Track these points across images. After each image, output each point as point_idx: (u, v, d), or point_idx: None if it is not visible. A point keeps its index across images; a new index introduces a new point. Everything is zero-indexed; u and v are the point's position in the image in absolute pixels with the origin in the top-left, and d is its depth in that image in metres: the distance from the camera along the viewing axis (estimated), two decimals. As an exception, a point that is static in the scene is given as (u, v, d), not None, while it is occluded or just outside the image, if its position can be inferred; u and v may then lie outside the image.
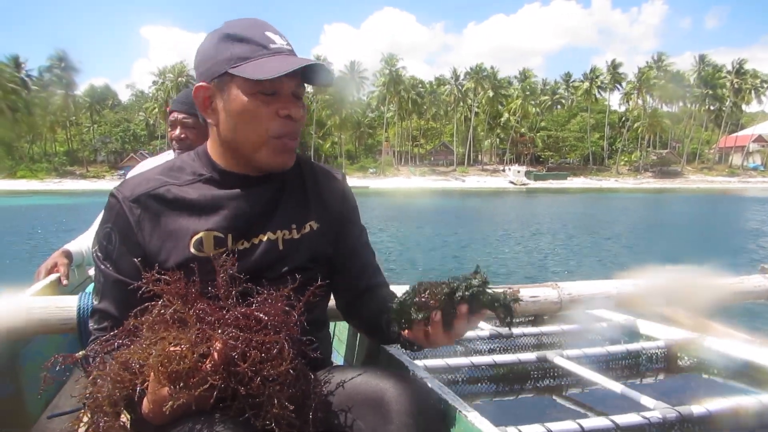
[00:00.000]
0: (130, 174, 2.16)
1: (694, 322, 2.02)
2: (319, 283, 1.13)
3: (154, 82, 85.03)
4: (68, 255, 2.27)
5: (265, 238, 1.22)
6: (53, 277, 2.10)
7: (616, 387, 1.56)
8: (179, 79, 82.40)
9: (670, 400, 1.44)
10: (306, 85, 1.23)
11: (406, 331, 1.14)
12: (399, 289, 1.33)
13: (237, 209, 1.21)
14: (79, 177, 74.70)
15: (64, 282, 2.12)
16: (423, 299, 1.08)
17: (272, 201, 1.25)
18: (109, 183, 66.52)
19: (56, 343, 1.94)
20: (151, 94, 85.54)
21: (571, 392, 1.74)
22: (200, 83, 1.20)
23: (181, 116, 2.29)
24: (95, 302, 1.21)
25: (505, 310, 1.09)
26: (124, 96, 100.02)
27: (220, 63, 1.17)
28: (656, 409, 1.37)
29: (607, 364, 1.90)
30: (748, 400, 1.44)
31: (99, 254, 1.20)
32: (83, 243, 2.40)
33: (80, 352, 1.09)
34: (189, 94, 2.30)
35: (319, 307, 1.30)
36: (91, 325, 1.21)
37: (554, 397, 1.74)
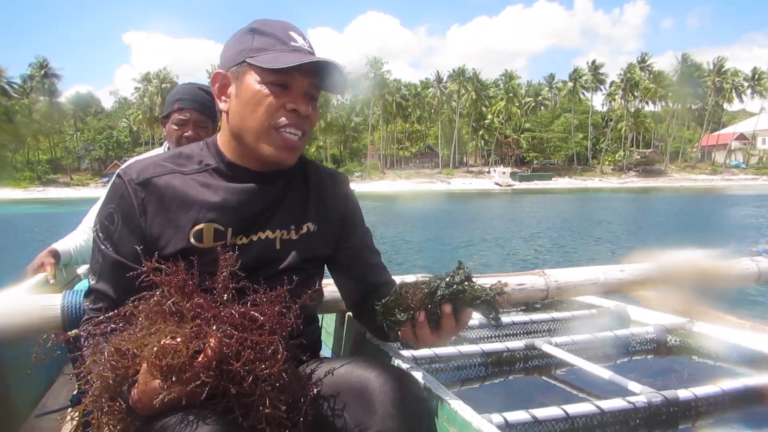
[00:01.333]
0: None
1: (683, 307, 2.03)
2: (315, 287, 1.16)
3: (137, 89, 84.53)
4: (55, 254, 2.25)
5: (263, 236, 1.23)
6: (40, 276, 2.09)
7: (605, 373, 1.56)
8: (163, 85, 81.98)
9: (658, 385, 1.45)
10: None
11: (399, 332, 1.15)
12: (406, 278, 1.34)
13: (240, 204, 1.22)
14: (63, 185, 73.98)
15: (51, 281, 2.10)
16: (405, 300, 1.09)
17: (275, 200, 1.27)
18: (93, 191, 65.89)
19: (45, 344, 1.92)
20: (134, 101, 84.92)
21: (560, 379, 1.75)
22: (219, 70, 1.24)
23: (194, 115, 2.28)
24: (92, 282, 1.21)
25: (487, 306, 1.09)
26: (108, 103, 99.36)
27: (240, 52, 1.20)
28: (642, 394, 1.37)
29: (596, 351, 1.90)
30: (733, 383, 1.46)
31: (100, 234, 1.21)
32: (71, 242, 2.38)
33: (72, 331, 1.09)
34: (197, 93, 2.30)
35: (312, 306, 1.32)
36: (86, 304, 1.21)
37: (542, 384, 1.74)
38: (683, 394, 1.38)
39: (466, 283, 1.09)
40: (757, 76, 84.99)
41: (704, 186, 69.40)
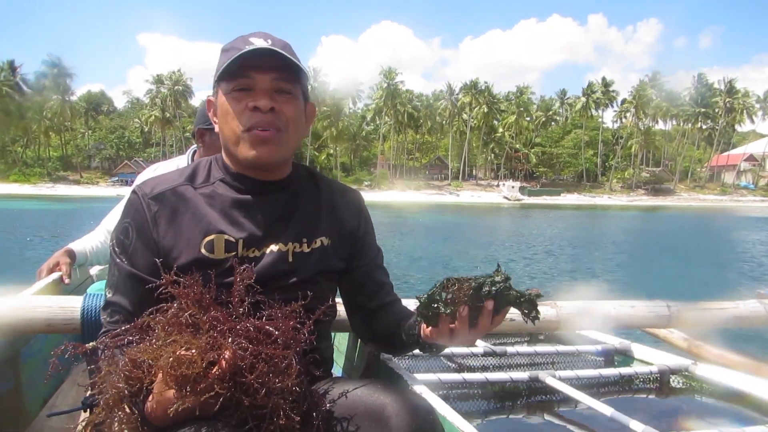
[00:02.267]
0: (141, 176, 2.18)
1: (689, 345, 2.04)
2: (329, 302, 1.18)
3: (149, 90, 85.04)
4: (71, 254, 2.27)
5: (276, 249, 1.24)
6: (55, 275, 2.10)
7: (607, 410, 1.56)
8: (176, 87, 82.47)
9: (660, 426, 1.45)
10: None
11: (429, 330, 1.15)
12: (409, 304, 1.36)
13: (250, 216, 1.24)
14: (73, 183, 74.36)
15: (66, 281, 2.12)
16: (451, 294, 1.09)
17: (286, 213, 1.28)
18: (102, 189, 66.30)
19: (55, 342, 1.96)
20: (147, 101, 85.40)
21: (562, 413, 1.75)
22: (209, 98, 1.30)
23: None
24: (109, 295, 1.23)
25: (529, 305, 1.11)
26: (120, 103, 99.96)
27: (215, 75, 1.25)
28: None
29: (600, 387, 1.91)
30: (733, 430, 1.46)
31: (116, 249, 1.23)
32: (87, 243, 2.39)
33: (90, 344, 1.10)
34: None
35: (325, 321, 1.32)
36: (104, 317, 1.22)
37: (544, 418, 1.75)
38: None
39: (507, 283, 1.10)
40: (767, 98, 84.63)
41: (712, 206, 68.94)
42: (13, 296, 1.68)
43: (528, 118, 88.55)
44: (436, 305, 1.11)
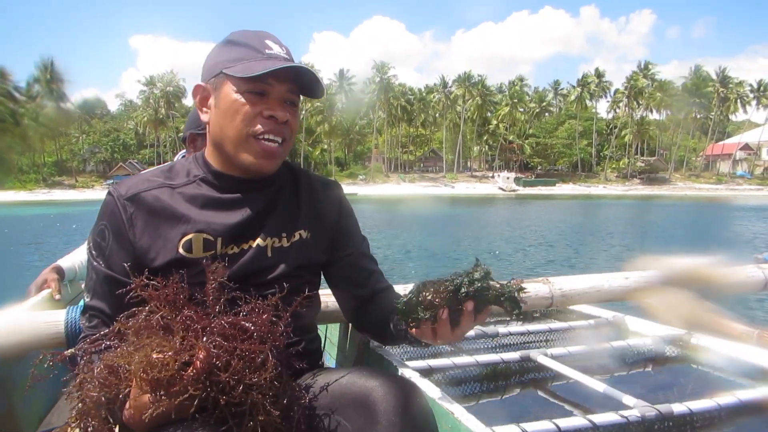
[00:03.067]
0: None
1: (688, 315, 2.01)
2: (306, 293, 1.16)
3: (142, 92, 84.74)
4: (59, 270, 2.25)
5: (254, 244, 1.23)
6: (45, 293, 2.08)
7: (600, 386, 1.55)
8: (168, 88, 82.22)
9: (655, 399, 1.43)
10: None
11: (413, 330, 1.16)
12: (403, 289, 1.34)
13: (229, 213, 1.23)
14: (68, 187, 74.15)
15: (56, 297, 2.10)
16: (428, 298, 1.09)
17: (265, 208, 1.27)
18: (98, 193, 66.05)
19: (46, 360, 1.93)
20: (140, 104, 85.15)
21: (554, 392, 1.73)
22: (200, 83, 1.26)
23: None
24: (87, 299, 1.23)
25: (511, 302, 1.10)
26: (113, 106, 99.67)
27: (217, 64, 1.22)
28: (636, 408, 1.36)
29: (593, 362, 1.88)
30: (729, 398, 1.45)
31: (93, 251, 1.23)
32: (77, 257, 2.38)
33: (68, 350, 1.09)
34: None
35: (308, 314, 1.31)
36: (82, 322, 1.22)
37: (537, 397, 1.73)
38: (678, 408, 1.37)
39: (486, 281, 1.09)
40: (762, 87, 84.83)
41: (708, 195, 69.16)
42: None
43: (521, 109, 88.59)
44: (415, 310, 1.10)
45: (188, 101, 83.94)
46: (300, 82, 1.24)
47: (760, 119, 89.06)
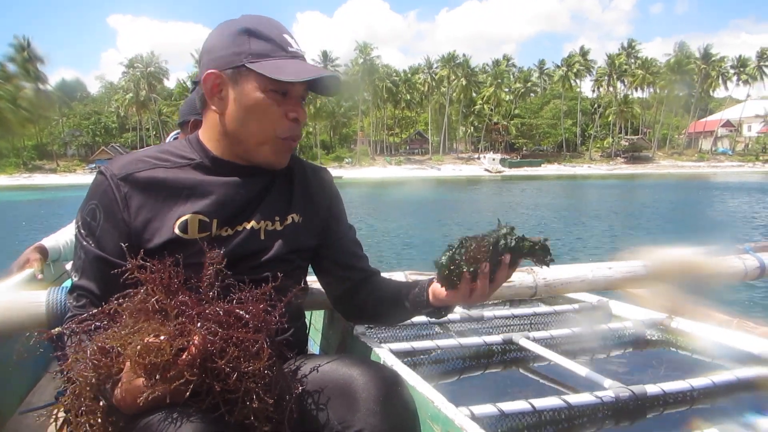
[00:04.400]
0: None
1: (671, 304, 2.06)
2: (300, 283, 1.19)
3: (124, 73, 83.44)
4: (42, 250, 2.23)
5: (248, 227, 1.24)
6: (27, 272, 2.06)
7: (579, 369, 1.58)
8: (149, 69, 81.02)
9: (632, 381, 1.47)
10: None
11: (448, 293, 1.19)
12: (388, 276, 1.37)
13: (225, 196, 1.23)
14: (49, 171, 73.14)
15: (39, 276, 2.08)
16: (471, 253, 1.12)
17: (260, 192, 1.28)
18: (80, 177, 65.28)
19: (29, 341, 1.94)
20: (121, 86, 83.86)
21: (535, 374, 1.76)
22: (211, 70, 1.21)
23: None
24: (75, 278, 1.21)
25: (544, 251, 1.16)
26: (94, 88, 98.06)
27: (238, 55, 1.19)
28: (611, 389, 1.39)
29: (574, 346, 1.92)
30: (702, 380, 1.49)
31: (82, 231, 1.20)
32: (61, 237, 2.36)
33: (56, 329, 1.09)
34: None
35: (297, 301, 1.32)
36: (70, 301, 1.21)
37: (517, 379, 1.75)
38: (651, 389, 1.41)
39: (514, 233, 1.14)
40: (741, 63, 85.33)
41: (691, 173, 69.71)
42: None
43: (506, 89, 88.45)
44: (457, 266, 1.13)
45: (170, 83, 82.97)
46: (316, 82, 1.24)
47: (741, 95, 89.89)
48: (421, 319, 1.62)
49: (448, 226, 18.25)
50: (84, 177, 64.60)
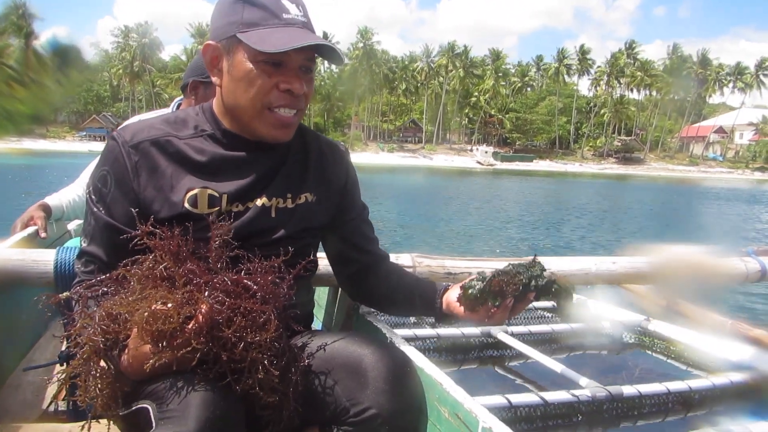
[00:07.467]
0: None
1: (670, 302, 2.06)
2: (310, 258, 1.18)
3: (118, 44, 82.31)
4: (46, 208, 2.21)
5: (259, 204, 1.21)
6: (30, 230, 2.04)
7: (556, 366, 1.58)
8: (143, 40, 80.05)
9: (608, 381, 1.47)
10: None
11: (465, 312, 1.24)
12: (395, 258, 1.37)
13: (236, 171, 1.21)
14: (38, 137, 72.28)
15: (42, 235, 2.06)
16: (500, 288, 1.19)
17: (272, 169, 1.25)
18: (69, 144, 64.68)
19: (31, 297, 1.92)
20: (115, 55, 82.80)
21: (512, 368, 1.76)
22: (210, 41, 1.19)
23: None
24: (84, 244, 1.20)
25: (567, 295, 1.24)
26: (87, 55, 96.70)
27: (230, 24, 1.15)
28: (587, 388, 1.39)
29: (552, 343, 1.93)
30: (679, 385, 1.49)
31: (93, 196, 1.19)
32: (65, 196, 2.32)
33: (64, 294, 1.08)
34: None
35: (306, 276, 1.30)
36: (78, 266, 1.20)
37: (494, 373, 1.75)
38: (628, 390, 1.40)
39: (546, 275, 1.21)
40: (738, 71, 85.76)
41: (681, 176, 70.12)
42: None
43: (504, 83, 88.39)
44: (485, 299, 1.20)
45: (164, 55, 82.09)
46: (319, 50, 1.19)
47: (736, 102, 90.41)
48: None
49: (438, 217, 18.28)
50: (73, 144, 64.03)
